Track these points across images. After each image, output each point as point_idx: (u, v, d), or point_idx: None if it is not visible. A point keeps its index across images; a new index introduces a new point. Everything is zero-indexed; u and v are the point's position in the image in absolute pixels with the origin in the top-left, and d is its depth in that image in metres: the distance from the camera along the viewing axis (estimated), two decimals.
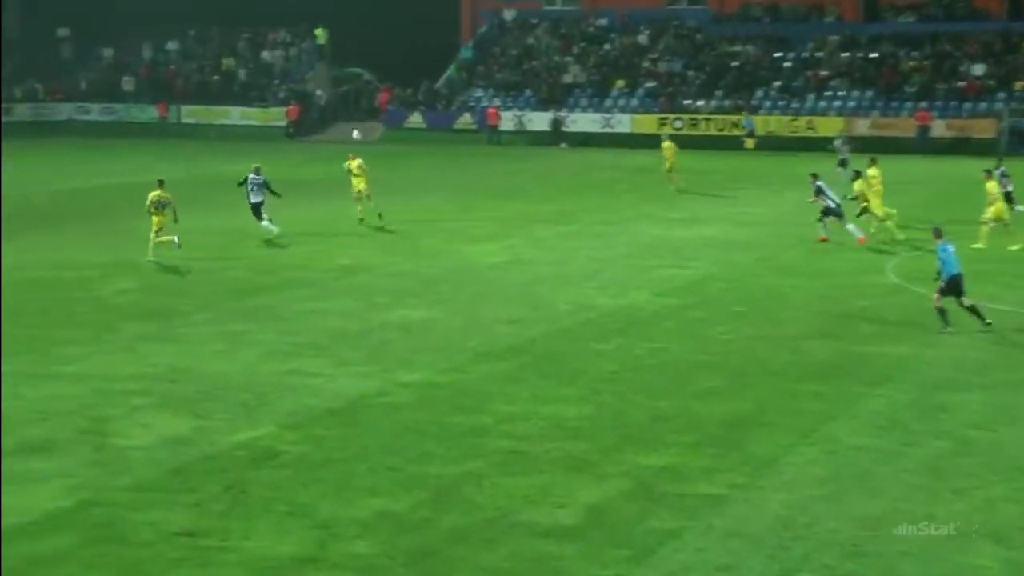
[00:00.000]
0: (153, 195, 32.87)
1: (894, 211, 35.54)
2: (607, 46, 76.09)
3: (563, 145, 67.45)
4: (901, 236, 34.84)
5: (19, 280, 29.70)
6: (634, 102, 71.22)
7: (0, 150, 54.45)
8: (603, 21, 77.95)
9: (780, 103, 68.43)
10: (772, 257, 33.15)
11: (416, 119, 74.35)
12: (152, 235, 32.43)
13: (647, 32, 75.67)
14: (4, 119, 79.93)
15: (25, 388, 20.41)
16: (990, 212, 33.57)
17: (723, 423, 18.78)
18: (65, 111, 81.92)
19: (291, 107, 76.03)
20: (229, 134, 73.58)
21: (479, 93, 74.94)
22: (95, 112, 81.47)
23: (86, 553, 14.04)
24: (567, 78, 74.04)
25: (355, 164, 39.40)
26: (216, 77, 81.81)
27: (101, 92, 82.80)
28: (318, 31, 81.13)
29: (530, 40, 77.85)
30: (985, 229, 33.38)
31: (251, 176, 36.01)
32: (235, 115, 78.12)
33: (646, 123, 68.05)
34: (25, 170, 51.65)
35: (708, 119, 67.95)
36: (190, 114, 78.97)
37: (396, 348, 23.29)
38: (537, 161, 60.72)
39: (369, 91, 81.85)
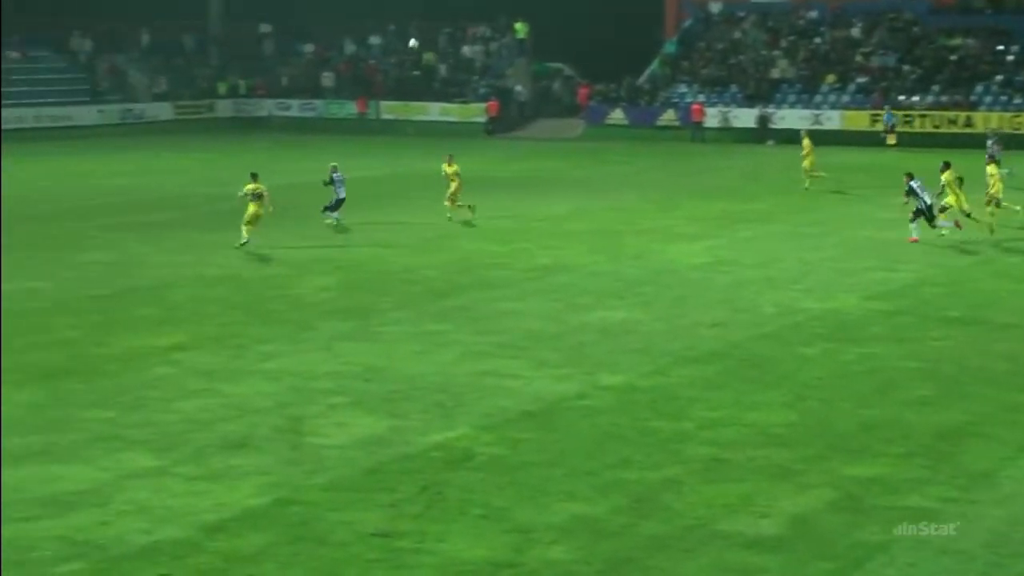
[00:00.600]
0: (249, 187, 33.75)
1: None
2: (817, 40, 74.57)
3: (770, 143, 66.27)
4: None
5: (219, 276, 30.19)
6: (845, 98, 69.57)
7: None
8: (813, 14, 76.35)
9: (1001, 99, 66.11)
10: (990, 261, 31.93)
11: (617, 115, 73.82)
12: (244, 224, 33.41)
13: (860, 25, 73.77)
14: (207, 115, 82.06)
15: (224, 384, 20.57)
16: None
17: (935, 433, 17.98)
18: (266, 107, 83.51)
19: (490, 103, 76.24)
20: (427, 130, 74.09)
21: (683, 89, 74.10)
22: (295, 108, 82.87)
23: (283, 551, 13.95)
24: (774, 73, 72.75)
25: (451, 169, 39.33)
26: (416, 73, 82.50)
27: (301, 88, 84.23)
28: (519, 25, 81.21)
29: (736, 34, 76.71)
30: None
31: (335, 175, 37.31)
32: (434, 111, 78.58)
33: (857, 120, 66.46)
34: (228, 167, 52.67)
35: (924, 116, 65.95)
36: (389, 110, 79.73)
37: (595, 350, 22.90)
38: (742, 159, 59.73)
39: (570, 87, 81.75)
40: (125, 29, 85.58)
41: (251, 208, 33.62)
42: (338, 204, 37.34)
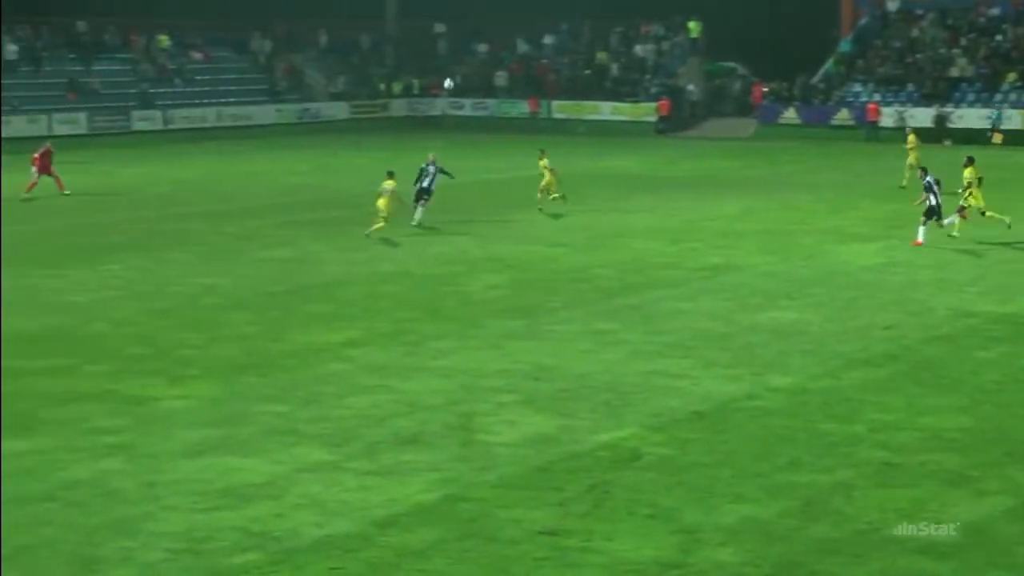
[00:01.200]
0: (388, 184, 35.22)
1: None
2: (999, 37, 72.78)
3: (947, 142, 64.83)
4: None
5: (392, 273, 30.58)
6: None
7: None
8: (995, 11, 74.52)
9: None
10: None
11: (791, 115, 72.98)
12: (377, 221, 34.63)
13: None
14: (382, 114, 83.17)
15: (395, 380, 20.84)
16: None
17: None
18: (439, 106, 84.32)
19: (662, 102, 75.94)
20: (598, 130, 74.08)
21: (858, 88, 72.96)
22: (468, 107, 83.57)
23: (453, 548, 14.09)
24: (953, 71, 71.19)
25: (544, 163, 40.57)
26: (588, 72, 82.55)
27: (475, 87, 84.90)
28: (692, 24, 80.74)
29: (914, 32, 75.22)
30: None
31: (430, 165, 38.08)
32: (605, 110, 78.56)
33: None
34: (402, 166, 53.25)
35: None
36: (560, 109, 79.93)
37: (765, 351, 22.69)
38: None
39: (743, 86, 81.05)
40: (304, 29, 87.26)
41: (380, 203, 34.80)
42: (424, 193, 37.53)
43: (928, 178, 33.81)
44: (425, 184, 37.61)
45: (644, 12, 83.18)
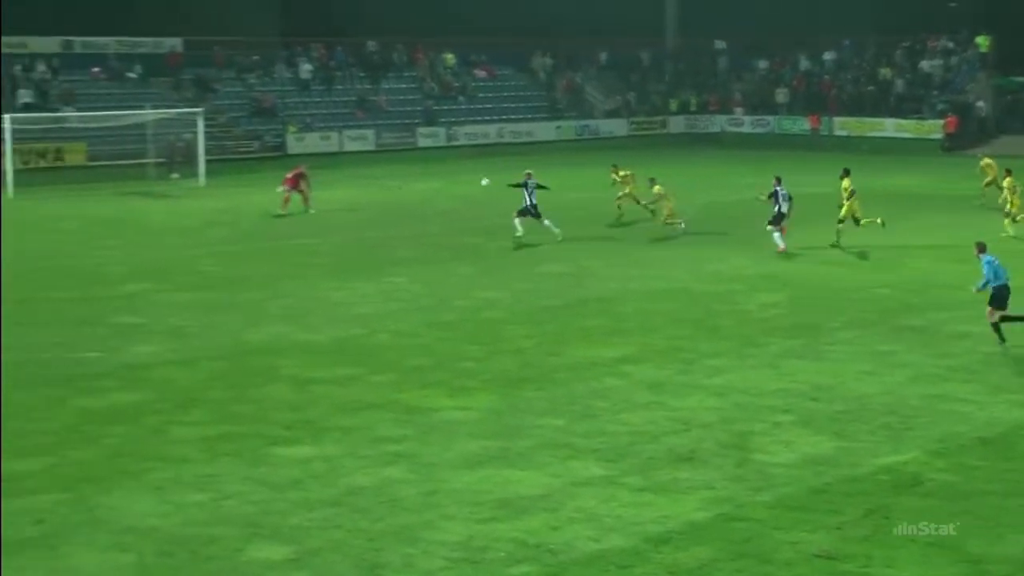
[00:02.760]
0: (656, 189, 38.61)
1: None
2: None
3: None
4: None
5: (667, 290, 30.58)
6: None
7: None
8: None
9: None
10: None
11: None
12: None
13: None
14: (660, 131, 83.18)
15: (670, 397, 20.87)
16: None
17: None
18: (718, 123, 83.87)
19: (949, 119, 73.82)
20: (881, 147, 72.46)
21: None
22: (747, 124, 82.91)
23: (727, 568, 14.05)
24: None
25: (621, 174, 43.21)
26: (871, 88, 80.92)
27: (754, 104, 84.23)
28: (980, 38, 78.28)
29: None
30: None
31: (528, 180, 38.50)
32: (889, 127, 76.88)
33: None
34: (677, 183, 53.19)
35: None
36: (842, 126, 78.59)
37: None
38: None
39: None
40: (584, 47, 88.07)
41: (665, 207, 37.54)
42: (533, 210, 38.16)
43: (778, 188, 36.04)
44: (530, 202, 38.25)
45: (931, 27, 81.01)
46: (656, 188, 40.72)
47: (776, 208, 35.88)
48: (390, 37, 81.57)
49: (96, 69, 70.37)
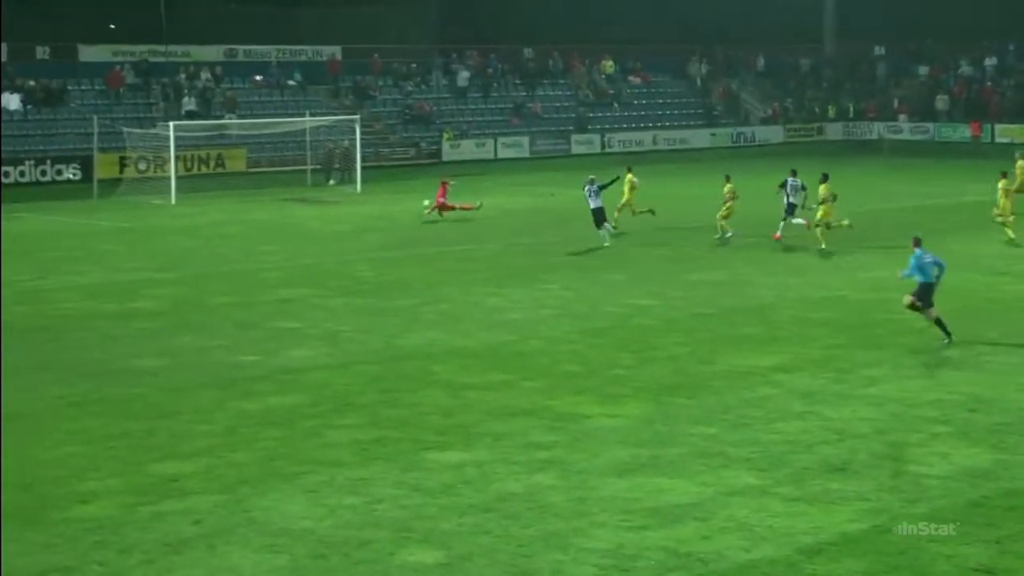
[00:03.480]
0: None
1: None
2: None
3: None
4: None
5: (824, 299, 30.21)
6: None
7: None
8: None
9: None
10: None
11: None
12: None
13: None
14: (817, 137, 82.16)
15: (825, 407, 20.60)
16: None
17: None
18: (875, 129, 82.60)
19: None
20: None
21: None
22: (906, 131, 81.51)
23: None
24: None
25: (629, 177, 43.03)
26: None
27: (913, 110, 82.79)
28: None
29: None
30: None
31: (587, 185, 39.31)
32: None
33: None
34: (834, 189, 52.49)
35: None
36: (1004, 133, 76.84)
37: None
38: None
39: None
40: (742, 54, 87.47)
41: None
42: (595, 215, 38.70)
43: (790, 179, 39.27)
44: (594, 206, 38.88)
45: None
46: (727, 186, 40.56)
47: (786, 200, 38.97)
48: (545, 45, 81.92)
49: (258, 77, 71.77)
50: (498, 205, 49.34)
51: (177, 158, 56.63)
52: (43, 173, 60.00)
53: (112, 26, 76.35)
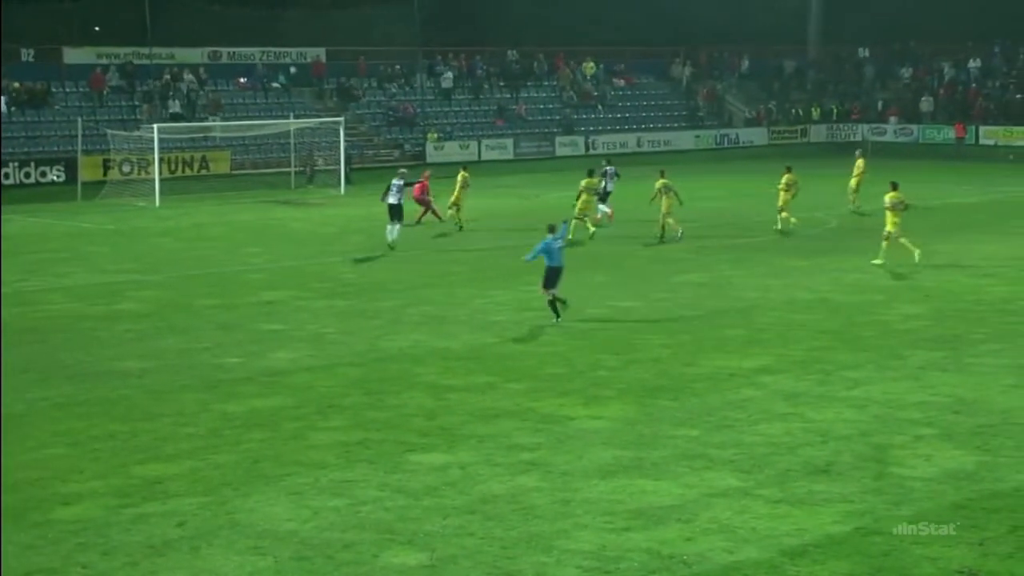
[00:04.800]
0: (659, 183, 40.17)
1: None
2: None
3: None
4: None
5: (808, 301, 30.25)
6: None
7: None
8: None
9: None
10: None
11: None
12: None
13: None
14: (801, 140, 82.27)
15: (808, 409, 20.63)
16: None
17: None
18: (859, 131, 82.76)
19: None
20: None
21: None
22: (890, 133, 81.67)
23: None
24: None
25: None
26: (1020, 96, 79.23)
27: (899, 112, 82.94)
28: None
29: None
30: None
31: (394, 180, 39.80)
32: None
33: None
34: (820, 192, 52.60)
35: None
36: (988, 135, 77.09)
37: None
38: None
39: None
40: (727, 56, 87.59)
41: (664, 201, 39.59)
42: (390, 211, 39.30)
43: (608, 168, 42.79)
44: (395, 200, 39.40)
45: None
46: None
47: (603, 186, 43.24)
48: (530, 47, 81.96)
49: (242, 79, 71.68)
50: (482, 207, 49.29)
51: (161, 160, 56.59)
52: (27, 175, 59.91)
53: (96, 28, 76.22)
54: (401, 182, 40.08)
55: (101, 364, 24.36)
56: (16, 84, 64.48)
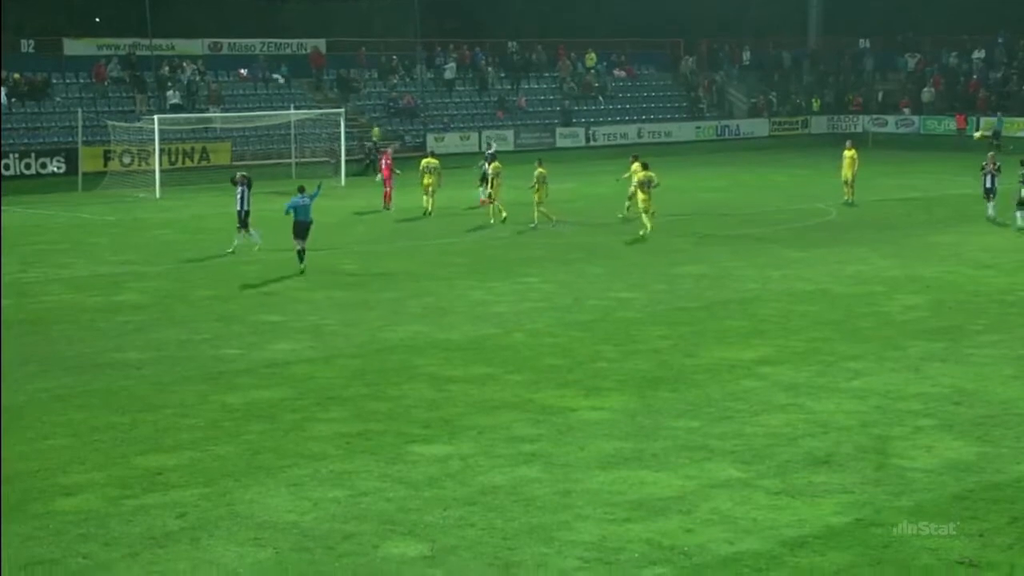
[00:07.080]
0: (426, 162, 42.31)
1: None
2: None
3: None
4: None
5: (809, 292, 30.24)
6: None
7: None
8: None
9: None
10: None
11: None
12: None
13: None
14: (802, 131, 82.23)
15: (809, 400, 20.63)
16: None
17: None
18: (861, 123, 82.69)
19: None
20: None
21: None
22: (891, 124, 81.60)
23: (864, 572, 13.82)
24: None
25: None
26: (1022, 88, 79.25)
27: (898, 103, 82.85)
28: None
29: None
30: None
31: (240, 184, 37.40)
32: None
33: None
34: (821, 184, 52.59)
35: None
36: (989, 126, 76.84)
37: None
38: None
39: None
40: (727, 47, 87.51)
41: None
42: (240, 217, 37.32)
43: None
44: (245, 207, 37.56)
45: None
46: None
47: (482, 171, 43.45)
48: (530, 38, 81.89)
49: (243, 71, 71.60)
50: (475, 199, 49.18)
51: (162, 151, 56.51)
52: (27, 166, 59.89)
53: (97, 19, 76.16)
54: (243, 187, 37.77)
55: (101, 355, 24.37)
56: (16, 75, 64.40)
